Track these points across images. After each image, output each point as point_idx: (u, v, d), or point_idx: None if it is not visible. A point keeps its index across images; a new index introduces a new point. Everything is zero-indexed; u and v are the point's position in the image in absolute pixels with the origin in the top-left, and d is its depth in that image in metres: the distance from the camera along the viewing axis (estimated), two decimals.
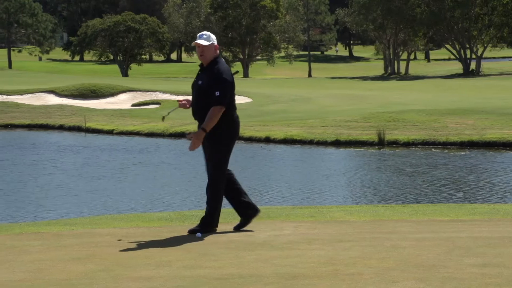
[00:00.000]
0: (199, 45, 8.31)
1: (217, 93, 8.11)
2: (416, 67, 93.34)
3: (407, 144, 31.23)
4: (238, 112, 8.46)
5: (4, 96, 46.86)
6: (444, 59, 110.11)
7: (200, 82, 8.27)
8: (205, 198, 8.42)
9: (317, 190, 21.33)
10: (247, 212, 8.42)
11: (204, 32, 8.43)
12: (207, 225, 8.26)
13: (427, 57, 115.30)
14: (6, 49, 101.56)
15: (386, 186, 21.93)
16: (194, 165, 25.60)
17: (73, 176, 24.21)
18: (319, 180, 23.20)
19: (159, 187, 21.90)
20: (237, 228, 8.41)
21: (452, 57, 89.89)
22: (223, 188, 8.30)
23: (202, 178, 23.34)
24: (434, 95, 47.19)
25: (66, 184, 22.39)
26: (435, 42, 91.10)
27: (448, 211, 9.93)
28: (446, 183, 22.30)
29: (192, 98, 8.43)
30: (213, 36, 8.37)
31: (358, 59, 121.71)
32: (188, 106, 8.52)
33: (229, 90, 8.20)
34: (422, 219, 9.19)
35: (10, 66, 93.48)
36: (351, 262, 6.72)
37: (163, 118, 9.56)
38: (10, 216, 17.41)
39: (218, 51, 8.36)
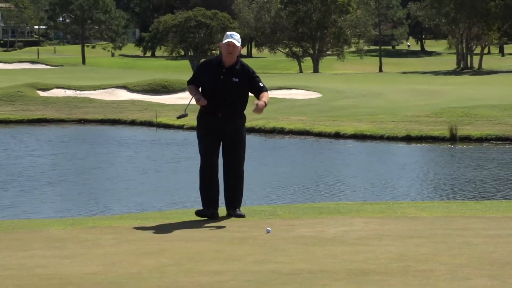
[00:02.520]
0: (234, 45, 8.69)
1: (261, 84, 8.90)
2: (489, 62, 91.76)
3: (480, 140, 30.75)
4: (308, 108, 8.68)
5: (78, 92, 47.66)
6: None
7: (235, 79, 8.76)
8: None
9: (388, 185, 21.16)
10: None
11: (235, 33, 8.87)
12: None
13: (501, 51, 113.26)
14: (80, 45, 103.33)
15: (458, 182, 21.63)
16: (260, 160, 25.66)
17: (142, 170, 24.47)
18: (389, 176, 23.01)
19: None
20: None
21: None
22: None
23: (267, 173, 23.47)
24: (508, 90, 46.32)
25: (134, 178, 22.64)
26: (510, 36, 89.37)
27: None
28: None
29: (220, 94, 8.76)
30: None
31: (430, 53, 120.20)
32: (203, 102, 8.77)
33: None
34: (495, 215, 9.04)
35: (83, 62, 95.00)
36: (423, 259, 6.64)
37: (183, 116, 9.06)
38: (78, 209, 17.68)
39: None
